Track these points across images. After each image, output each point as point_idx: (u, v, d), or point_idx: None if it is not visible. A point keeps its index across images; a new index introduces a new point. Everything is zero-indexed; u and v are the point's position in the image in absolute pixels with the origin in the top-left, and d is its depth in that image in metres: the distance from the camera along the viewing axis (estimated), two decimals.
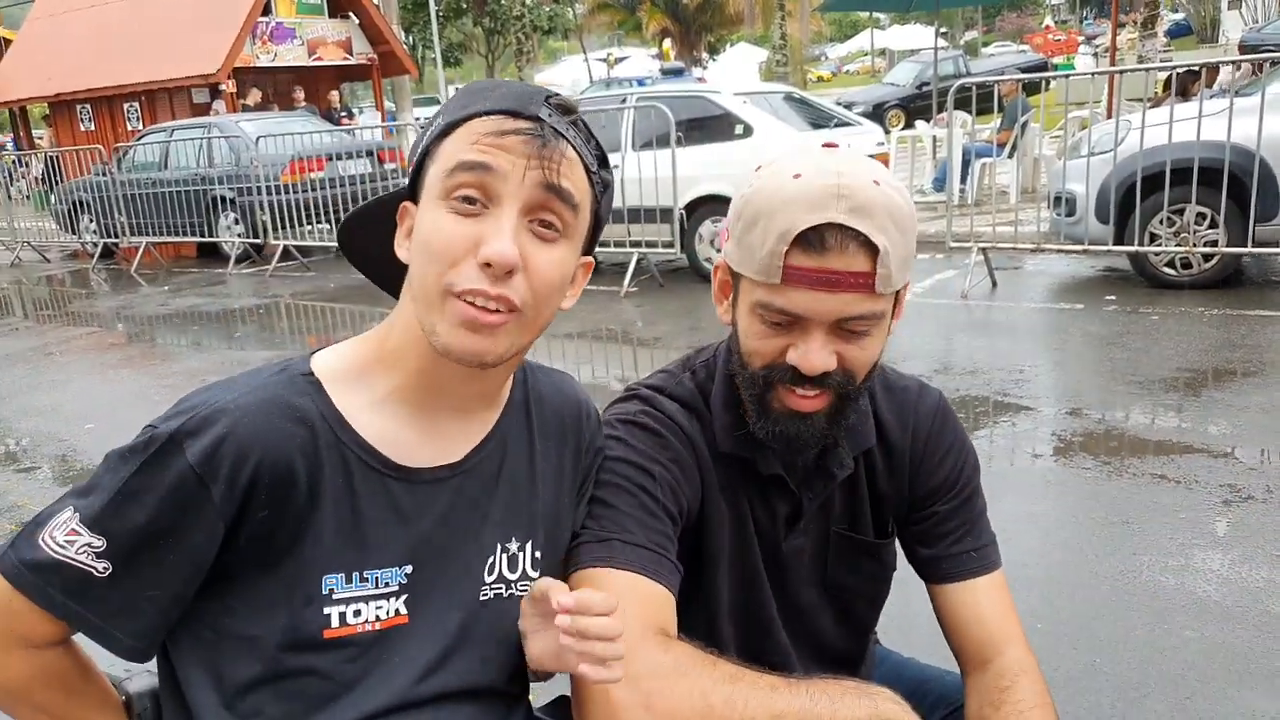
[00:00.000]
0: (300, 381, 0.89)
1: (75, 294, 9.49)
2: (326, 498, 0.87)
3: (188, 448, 0.81)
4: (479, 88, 0.89)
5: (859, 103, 17.80)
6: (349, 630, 0.87)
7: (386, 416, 0.91)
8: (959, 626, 1.15)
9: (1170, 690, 2.21)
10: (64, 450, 4.49)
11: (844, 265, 0.95)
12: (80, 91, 14.28)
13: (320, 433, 0.87)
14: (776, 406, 1.04)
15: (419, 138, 0.91)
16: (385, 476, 0.89)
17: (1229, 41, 24.16)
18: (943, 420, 1.20)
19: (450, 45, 30.90)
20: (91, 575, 0.82)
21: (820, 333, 0.99)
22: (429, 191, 0.87)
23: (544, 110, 0.86)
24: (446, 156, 0.86)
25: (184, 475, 0.81)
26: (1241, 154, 5.40)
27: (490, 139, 0.84)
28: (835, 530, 1.19)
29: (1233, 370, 4.45)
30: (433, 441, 0.93)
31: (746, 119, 7.15)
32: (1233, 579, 2.64)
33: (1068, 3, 49.65)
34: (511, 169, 0.83)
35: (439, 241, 0.84)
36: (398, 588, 0.90)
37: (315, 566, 0.86)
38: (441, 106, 0.92)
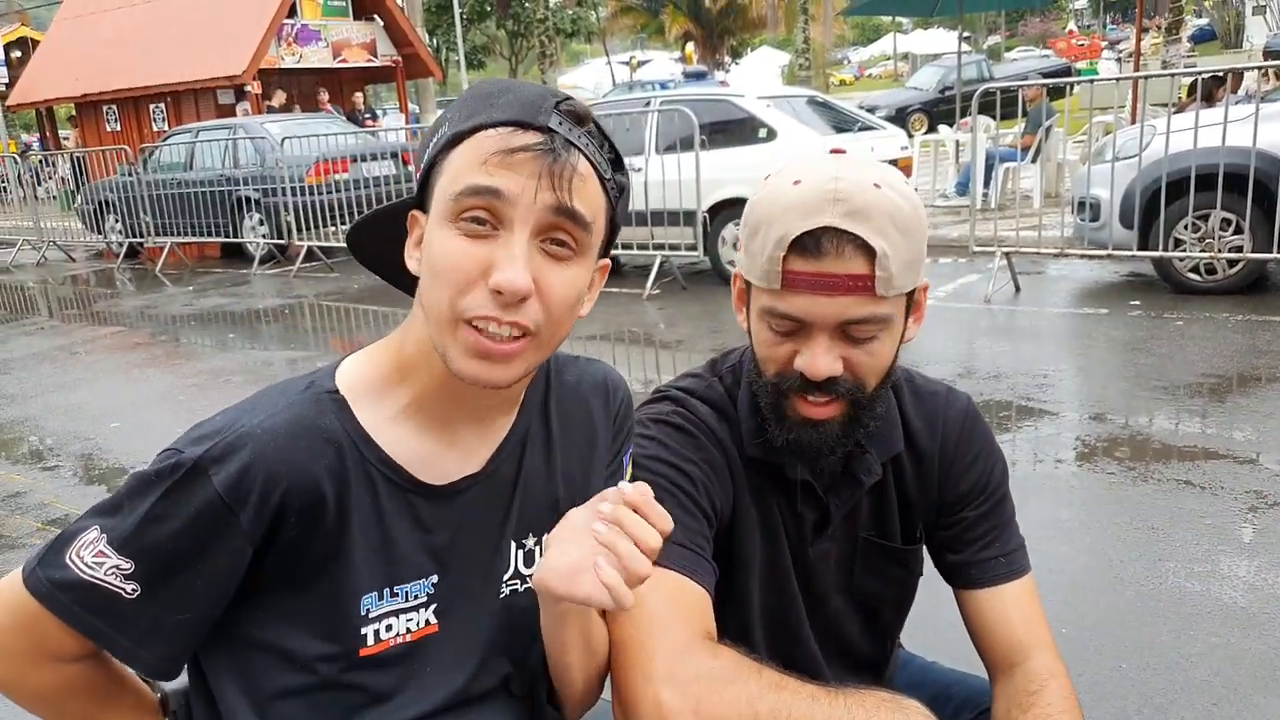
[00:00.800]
0: (326, 400, 0.88)
1: (100, 293, 9.60)
2: (355, 517, 0.86)
3: (214, 475, 0.81)
4: (486, 91, 0.85)
5: (882, 106, 17.75)
6: (383, 646, 0.88)
7: (407, 430, 0.90)
8: (987, 632, 1.14)
9: (1197, 697, 2.19)
10: (89, 449, 4.54)
11: (841, 269, 0.96)
12: (106, 92, 14.48)
13: (347, 453, 0.86)
14: (791, 415, 1.04)
15: (425, 144, 0.88)
16: (408, 492, 0.89)
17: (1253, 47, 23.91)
18: (971, 425, 1.19)
19: (474, 48, 31.05)
20: (120, 596, 0.82)
21: (824, 337, 0.99)
22: (437, 208, 0.83)
23: (554, 119, 0.82)
24: (454, 174, 0.82)
25: (212, 503, 0.81)
26: (1267, 160, 5.36)
27: (499, 157, 0.80)
28: (863, 536, 1.18)
29: (1258, 376, 4.41)
30: (453, 453, 0.92)
31: (770, 122, 7.15)
32: (1259, 585, 2.62)
33: (1091, 7, 49.29)
34: (521, 192, 0.80)
35: (448, 265, 0.81)
36: (426, 598, 0.90)
37: (351, 587, 0.86)
38: (448, 110, 0.88)
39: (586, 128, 0.84)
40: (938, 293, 6.60)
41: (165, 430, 4.83)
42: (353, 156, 9.67)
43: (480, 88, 0.87)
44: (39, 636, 0.85)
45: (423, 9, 20.46)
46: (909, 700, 0.97)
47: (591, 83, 35.98)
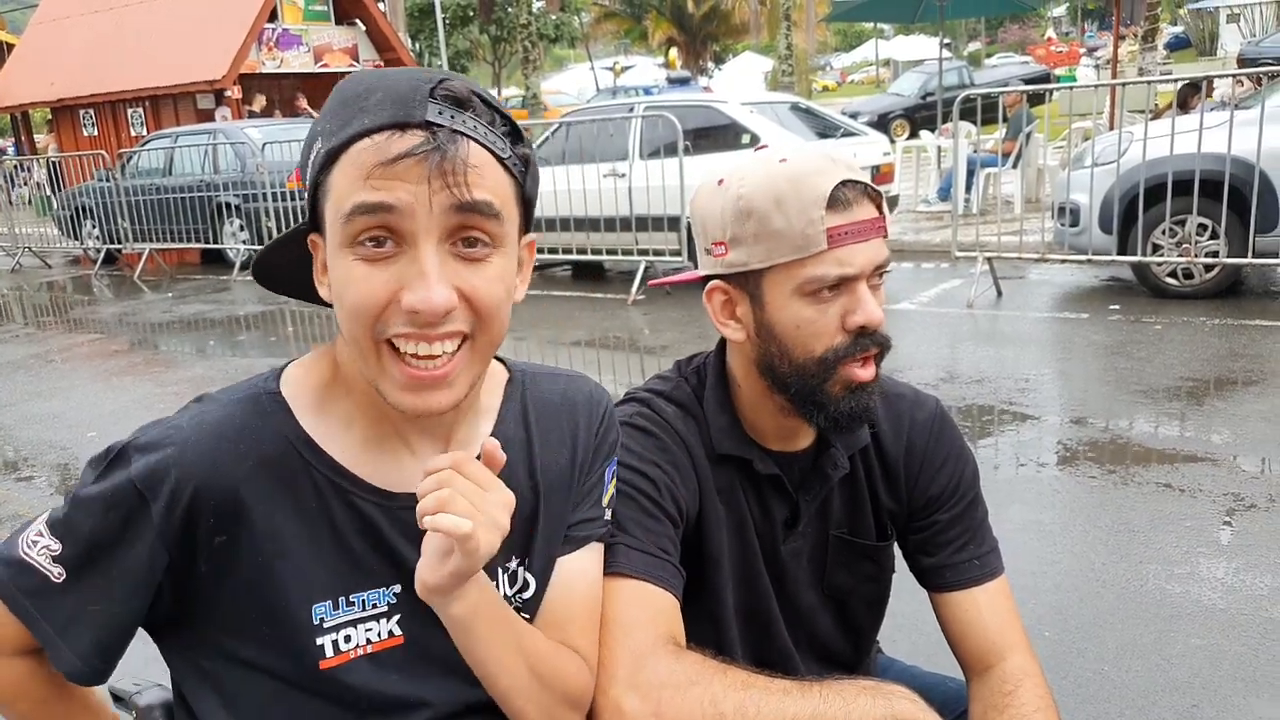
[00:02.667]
0: (266, 402, 0.85)
1: (77, 300, 9.51)
2: (295, 524, 0.83)
3: (135, 462, 0.80)
4: (353, 93, 0.77)
5: (864, 113, 17.87)
6: (343, 658, 0.84)
7: (357, 438, 0.86)
8: (962, 634, 1.15)
9: (1177, 697, 2.21)
10: (65, 459, 4.49)
11: (866, 215, 1.02)
12: (83, 96, 14.35)
13: (285, 457, 0.83)
14: (838, 390, 1.04)
15: (305, 163, 0.80)
16: (361, 499, 0.85)
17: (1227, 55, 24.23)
18: (940, 428, 1.20)
19: (457, 53, 31.01)
20: (49, 579, 0.82)
21: (865, 287, 1.02)
22: (330, 236, 0.77)
23: (432, 110, 0.74)
24: (338, 195, 0.75)
25: (126, 488, 0.80)
26: (1242, 166, 5.43)
27: (381, 169, 0.73)
28: (834, 534, 1.19)
29: (1234, 379, 4.46)
30: (412, 462, 0.87)
31: (753, 128, 7.18)
32: (1238, 587, 2.65)
33: (1069, 15, 49.83)
34: (416, 200, 0.73)
35: (355, 297, 0.75)
36: (387, 608, 0.86)
37: (301, 596, 0.83)
38: (318, 121, 0.79)
39: (471, 108, 0.76)
40: (920, 297, 6.64)
41: None
42: None
43: (346, 89, 0.78)
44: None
45: (405, 14, 20.42)
46: (892, 685, 0.97)
47: (575, 88, 36.02)
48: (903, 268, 7.84)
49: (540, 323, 6.80)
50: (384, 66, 15.16)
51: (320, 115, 0.80)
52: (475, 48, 33.51)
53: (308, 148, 0.80)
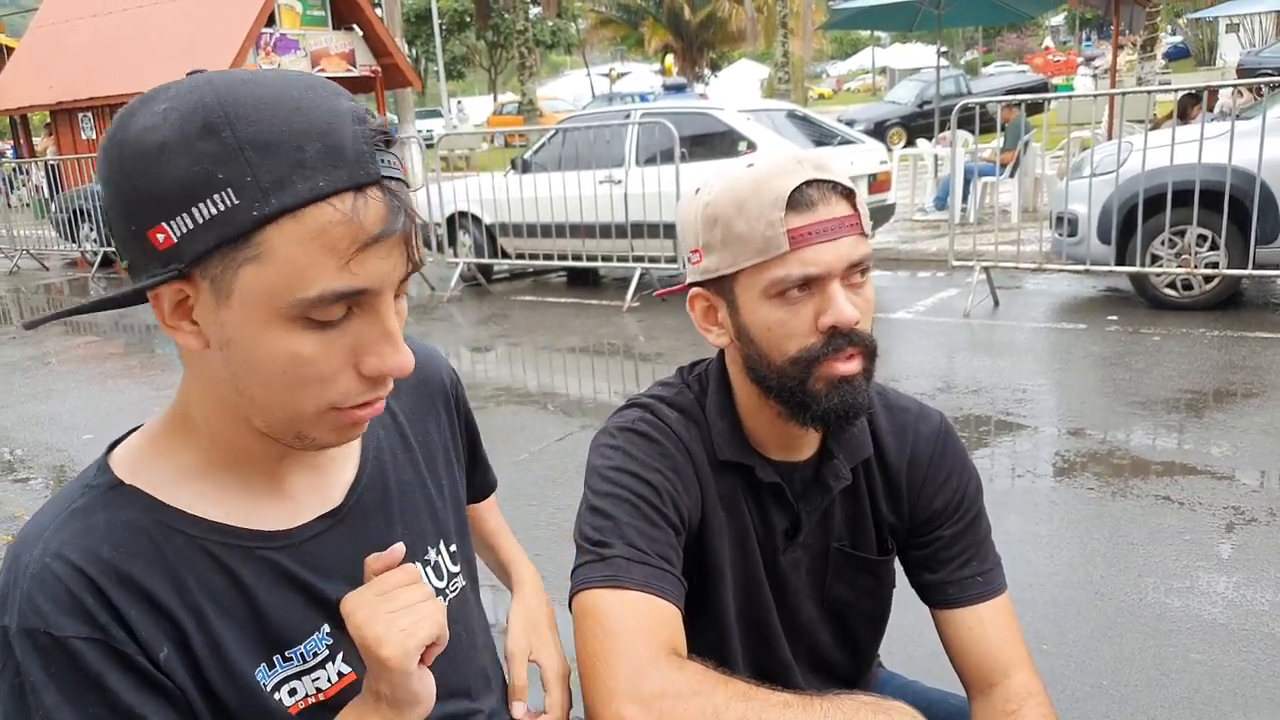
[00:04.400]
0: (111, 496, 0.76)
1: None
2: (207, 603, 0.76)
3: (36, 627, 0.69)
4: (273, 135, 0.65)
5: (860, 120, 17.88)
6: (303, 704, 0.81)
7: (229, 490, 0.79)
8: (965, 651, 1.13)
9: (1176, 713, 2.19)
10: (61, 460, 4.46)
11: (833, 213, 1.00)
12: (82, 100, 14.33)
13: (163, 540, 0.75)
14: (821, 386, 1.02)
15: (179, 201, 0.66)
16: (261, 550, 0.79)
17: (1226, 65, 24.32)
18: (944, 442, 1.19)
19: (453, 58, 31.05)
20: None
21: (837, 286, 1.00)
22: (253, 306, 0.68)
23: (381, 160, 0.68)
24: (291, 268, 0.66)
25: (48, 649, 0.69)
26: (1242, 177, 5.43)
27: (360, 253, 0.67)
28: (835, 546, 1.18)
29: (1234, 392, 4.45)
30: (293, 498, 0.83)
31: (750, 136, 7.17)
32: (1238, 602, 2.63)
33: (1067, 24, 50.01)
34: (387, 278, 0.69)
35: (304, 371, 0.70)
36: (327, 651, 0.82)
37: (244, 667, 0.78)
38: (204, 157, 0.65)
39: (390, 142, 0.70)
40: (916, 307, 6.63)
41: None
42: None
43: (248, 125, 0.65)
44: None
45: (402, 19, 20.43)
46: (893, 702, 0.95)
47: (571, 94, 36.09)
48: (899, 277, 7.84)
49: (535, 329, 6.79)
50: (380, 73, 15.24)
51: (204, 151, 0.65)
52: (471, 53, 33.56)
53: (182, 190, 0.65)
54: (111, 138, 0.70)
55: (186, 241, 0.67)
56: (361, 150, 0.67)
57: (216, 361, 0.72)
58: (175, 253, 0.67)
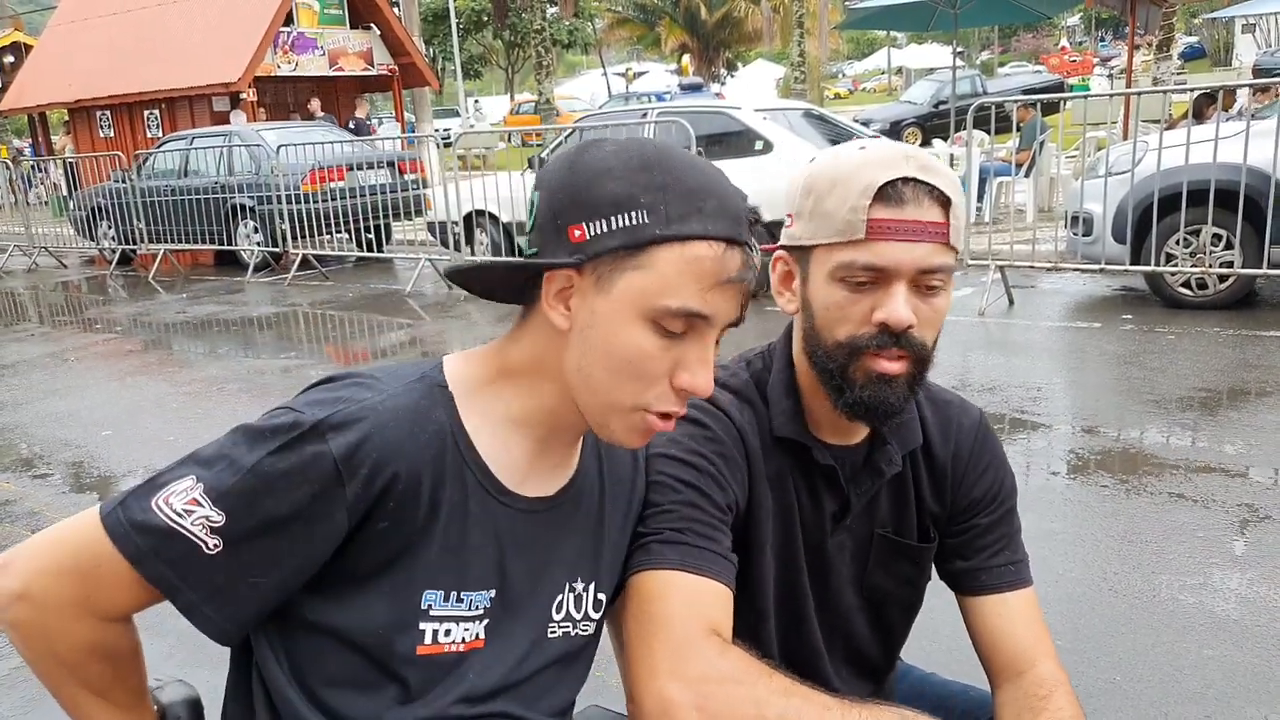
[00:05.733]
0: (438, 393, 0.89)
1: (92, 300, 9.57)
2: (443, 514, 0.87)
3: (331, 439, 0.81)
4: (690, 187, 0.84)
5: (876, 120, 17.84)
6: (438, 649, 0.87)
7: (504, 440, 0.91)
8: (993, 638, 1.15)
9: (1190, 709, 2.20)
10: (80, 456, 4.51)
11: (922, 215, 1.00)
12: (101, 98, 14.43)
13: (449, 449, 0.87)
14: (859, 376, 1.03)
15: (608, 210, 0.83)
16: (495, 500, 0.90)
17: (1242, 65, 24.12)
18: (985, 434, 1.21)
19: (470, 57, 31.14)
20: (200, 549, 0.80)
21: (902, 287, 1.00)
22: (630, 303, 0.84)
23: (752, 234, 0.87)
24: (664, 280, 0.83)
25: (325, 467, 0.80)
26: (1257, 176, 5.41)
27: (718, 287, 0.84)
28: (879, 532, 1.19)
29: (1248, 390, 4.44)
30: (538, 472, 0.94)
31: (766, 135, 7.19)
32: (1252, 598, 2.64)
33: (1083, 24, 49.71)
34: (725, 315, 0.86)
35: (640, 365, 0.85)
36: (482, 611, 0.90)
37: (420, 580, 0.86)
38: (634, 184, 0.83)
39: (759, 225, 0.89)
40: None
41: (157, 439, 4.78)
42: (349, 165, 9.68)
43: (681, 176, 0.85)
44: (94, 584, 0.82)
45: (420, 19, 20.51)
46: (926, 716, 0.95)
47: (588, 94, 36.13)
48: None
49: None
50: (397, 72, 15.31)
51: (639, 181, 0.84)
52: (489, 53, 33.64)
53: (611, 202, 0.83)
54: (568, 158, 0.88)
55: (596, 240, 0.84)
56: (742, 218, 0.86)
57: (572, 342, 0.87)
58: (584, 246, 0.84)
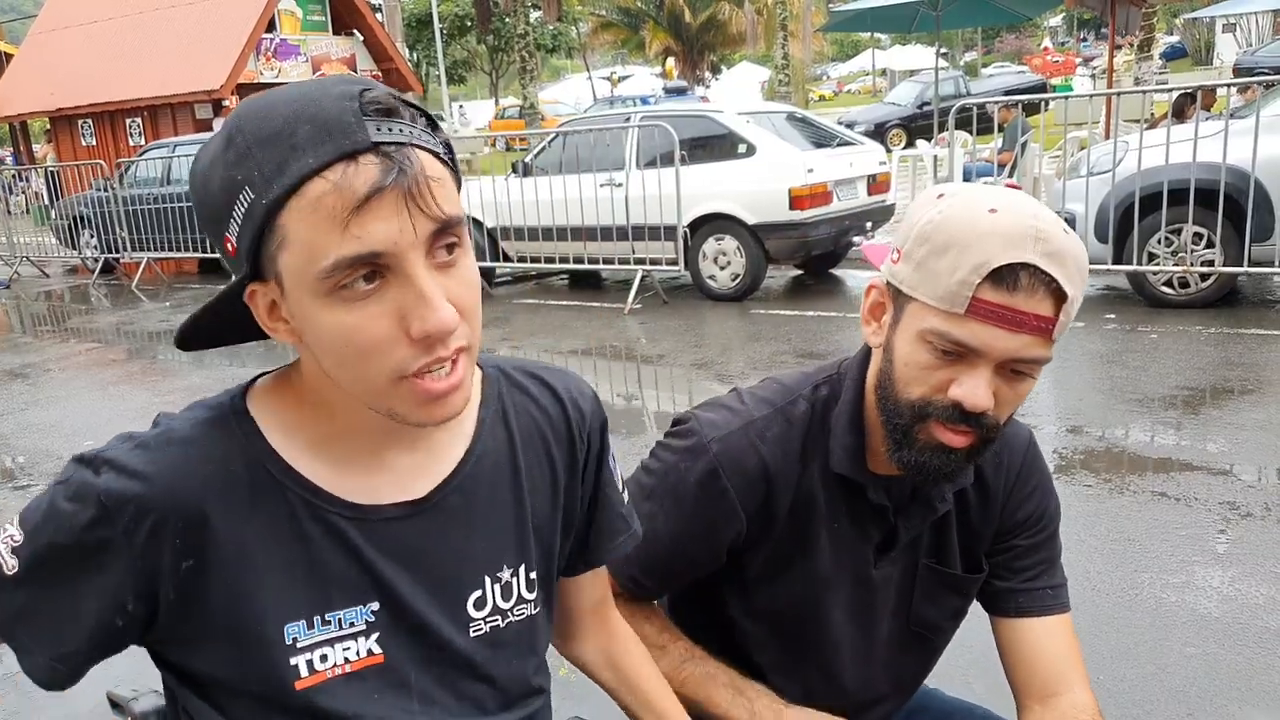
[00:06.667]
0: (233, 422, 0.83)
1: (75, 309, 9.51)
2: (265, 544, 0.81)
3: (103, 474, 0.79)
4: (272, 129, 0.71)
5: (861, 122, 17.94)
6: (319, 677, 0.83)
7: (329, 455, 0.84)
8: (1031, 661, 1.14)
9: (1172, 706, 2.22)
10: (62, 468, 4.48)
11: (1031, 308, 0.94)
12: (82, 106, 14.35)
13: (255, 478, 0.81)
14: (923, 438, 1.01)
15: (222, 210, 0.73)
16: (334, 516, 0.83)
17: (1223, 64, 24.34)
18: (1033, 456, 1.20)
19: (454, 63, 31.10)
20: (2, 570, 0.81)
21: (988, 370, 0.97)
22: (300, 286, 0.73)
23: (372, 128, 0.70)
24: (303, 244, 0.70)
25: (93, 501, 0.78)
26: (1237, 175, 5.45)
27: (354, 215, 0.69)
28: (924, 563, 1.17)
29: (1230, 388, 4.47)
30: (384, 479, 0.86)
31: (749, 138, 7.20)
32: (1233, 596, 2.65)
33: (1065, 25, 50.08)
34: (400, 236, 0.70)
35: (360, 340, 0.73)
36: (365, 626, 0.85)
37: (272, 616, 0.82)
38: (228, 165, 0.72)
39: (404, 115, 0.73)
40: None
41: None
42: None
43: (260, 124, 0.71)
44: None
45: (403, 24, 20.51)
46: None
47: (572, 98, 36.14)
48: None
49: (538, 332, 6.81)
50: (381, 77, 15.27)
51: (229, 158, 0.72)
52: (473, 58, 33.61)
53: (221, 198, 0.73)
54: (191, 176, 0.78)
55: (240, 243, 0.73)
56: (349, 122, 0.70)
57: (307, 354, 0.81)
58: (240, 257, 0.74)
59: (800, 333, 6.18)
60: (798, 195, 6.87)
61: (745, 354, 5.75)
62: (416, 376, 0.75)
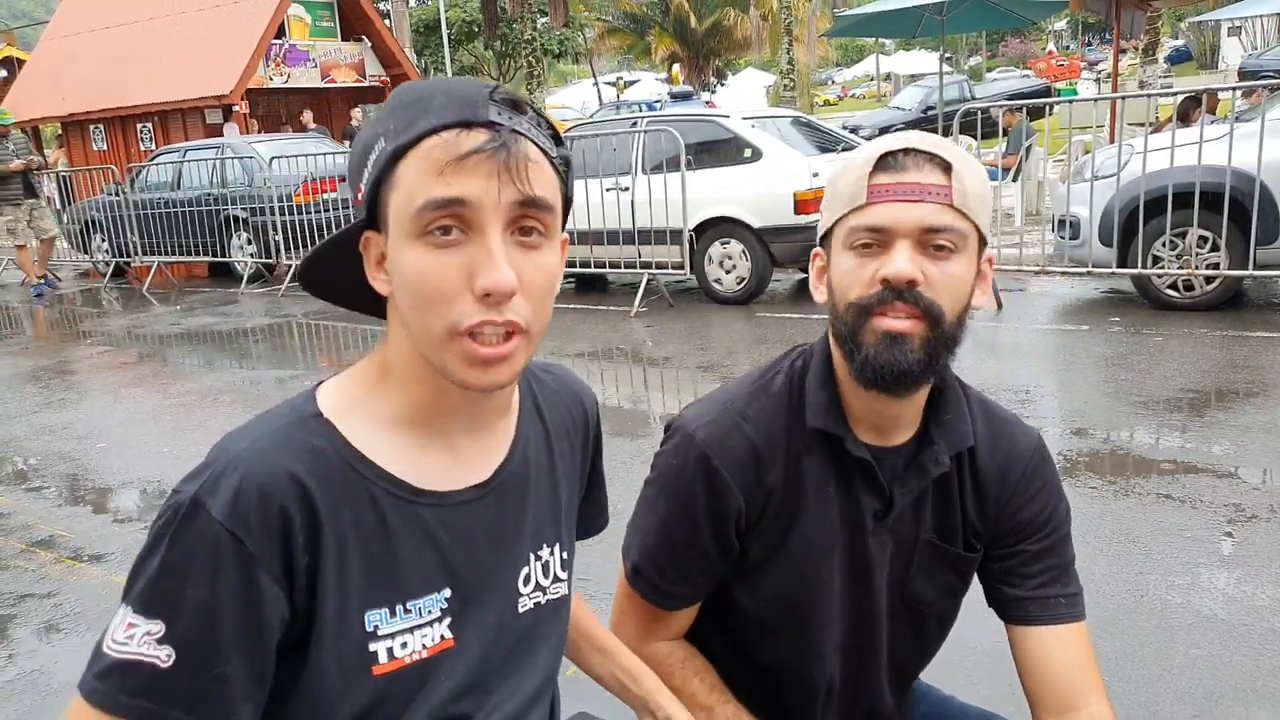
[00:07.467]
0: (311, 423, 0.86)
1: (87, 313, 9.56)
2: (353, 537, 0.84)
3: (211, 507, 0.78)
4: (415, 97, 0.82)
5: (866, 127, 17.92)
6: (398, 664, 0.86)
7: (404, 444, 0.88)
8: (1046, 672, 1.14)
9: (1178, 708, 2.23)
10: (75, 469, 4.51)
11: (922, 178, 1.03)
12: (94, 111, 14.46)
13: (340, 471, 0.84)
14: (869, 337, 1.04)
15: (358, 161, 0.84)
16: (415, 505, 0.88)
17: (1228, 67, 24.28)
18: (1039, 459, 1.20)
19: (461, 68, 31.16)
20: (155, 666, 0.77)
21: (906, 245, 1.02)
22: (397, 227, 0.81)
23: (494, 111, 0.80)
24: (408, 188, 0.79)
25: (216, 535, 0.77)
26: (1242, 178, 5.46)
27: (453, 165, 0.78)
28: (924, 538, 1.17)
29: (1235, 391, 4.48)
30: (455, 463, 0.91)
31: (755, 143, 7.23)
32: (1238, 598, 2.67)
33: (1070, 29, 49.97)
34: (485, 194, 0.78)
35: (430, 284, 0.79)
36: (439, 613, 0.89)
37: (355, 606, 0.84)
38: (376, 124, 0.84)
39: (526, 114, 0.83)
40: None
41: (152, 451, 4.77)
42: (342, 176, 9.70)
43: (406, 94, 0.83)
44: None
45: (411, 30, 20.57)
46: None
47: (579, 103, 36.19)
48: None
49: (544, 335, 6.83)
50: (389, 83, 15.34)
51: (378, 119, 0.84)
52: (480, 63, 33.68)
53: (364, 149, 0.83)
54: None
55: (366, 190, 0.83)
56: (476, 101, 0.80)
57: (394, 314, 0.85)
58: (363, 204, 0.84)
59: (805, 335, 6.17)
60: (803, 199, 6.90)
61: (751, 357, 5.77)
62: (470, 336, 0.80)
